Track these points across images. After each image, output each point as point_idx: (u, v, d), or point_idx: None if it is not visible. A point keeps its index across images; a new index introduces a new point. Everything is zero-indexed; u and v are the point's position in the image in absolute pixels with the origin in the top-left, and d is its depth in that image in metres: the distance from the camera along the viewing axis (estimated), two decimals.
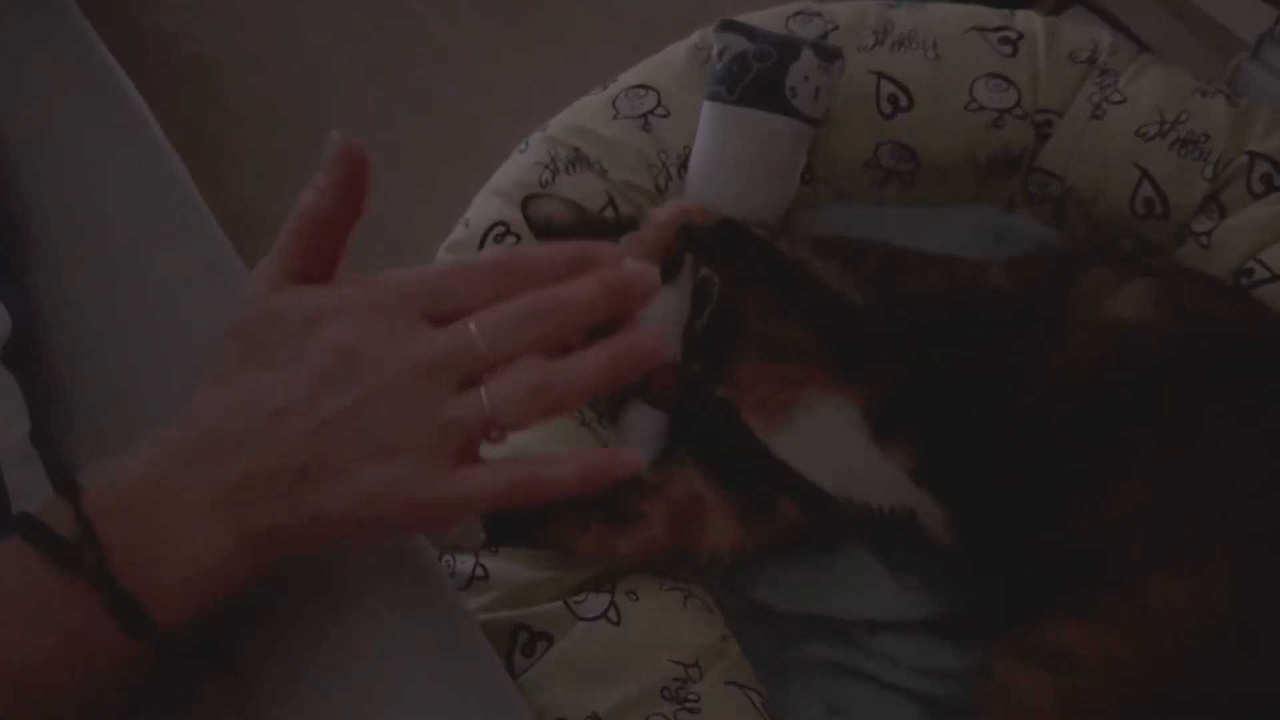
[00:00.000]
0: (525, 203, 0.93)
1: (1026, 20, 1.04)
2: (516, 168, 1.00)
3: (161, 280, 0.64)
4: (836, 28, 1.03)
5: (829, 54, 0.97)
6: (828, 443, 0.79)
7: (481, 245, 0.95)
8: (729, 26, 0.99)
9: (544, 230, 0.93)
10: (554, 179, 0.98)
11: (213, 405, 0.45)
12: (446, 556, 0.78)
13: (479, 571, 0.77)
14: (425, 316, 0.46)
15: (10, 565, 0.41)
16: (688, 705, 0.72)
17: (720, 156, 0.97)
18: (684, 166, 0.99)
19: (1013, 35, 1.02)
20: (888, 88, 1.00)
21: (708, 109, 0.98)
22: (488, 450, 0.47)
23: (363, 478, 0.43)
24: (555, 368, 0.47)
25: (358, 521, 0.44)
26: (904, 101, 1.00)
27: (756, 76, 0.96)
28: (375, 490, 0.43)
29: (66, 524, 0.41)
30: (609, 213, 0.97)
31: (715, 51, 0.99)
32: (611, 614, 0.76)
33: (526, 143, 1.02)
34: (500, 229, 0.96)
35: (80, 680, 0.41)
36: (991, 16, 1.04)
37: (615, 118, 1.02)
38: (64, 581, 0.40)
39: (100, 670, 0.42)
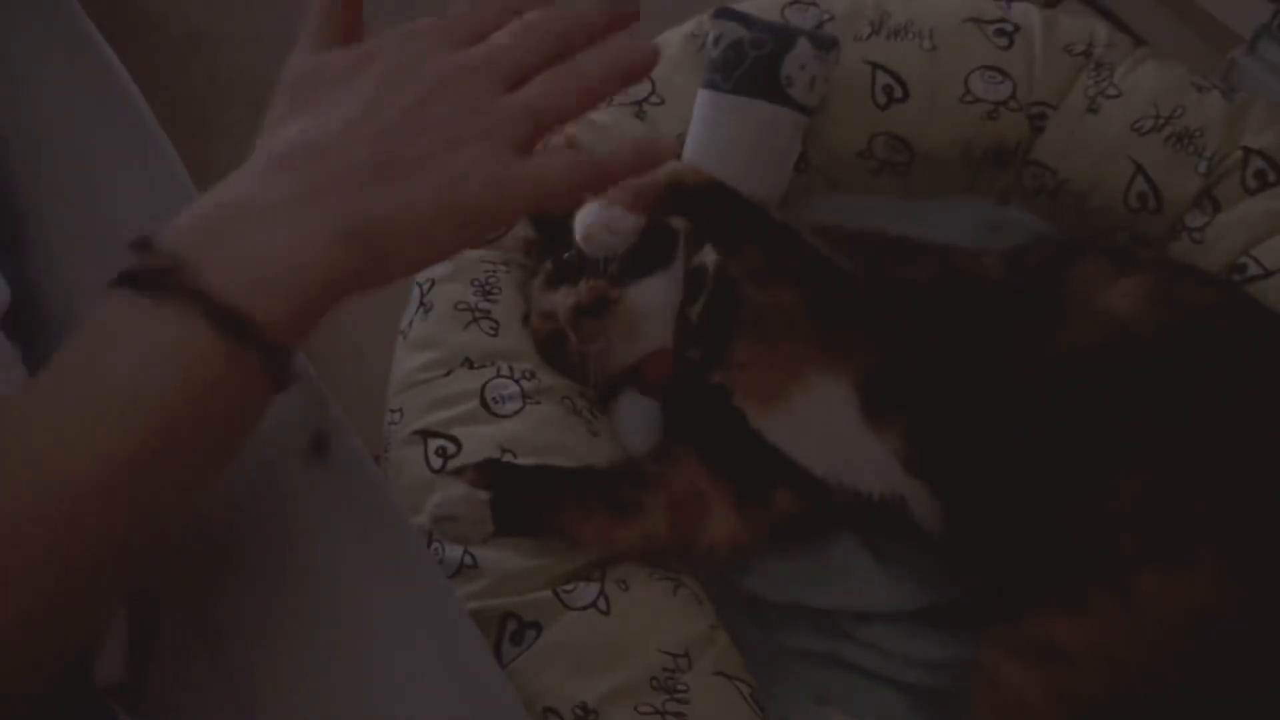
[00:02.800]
0: None
1: (1023, 12, 1.03)
2: None
3: None
4: (833, 17, 1.03)
5: (825, 43, 0.97)
6: (819, 425, 0.79)
7: None
8: (725, 14, 0.99)
9: (539, 217, 0.93)
10: None
11: (278, 140, 0.46)
12: (435, 544, 0.78)
13: (468, 559, 0.77)
14: (458, 44, 0.49)
15: (116, 313, 0.42)
16: (677, 695, 0.72)
17: (715, 144, 0.97)
18: (678, 154, 0.99)
19: (1009, 27, 1.01)
20: (883, 78, 1.00)
21: (703, 97, 0.98)
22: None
23: (435, 167, 0.45)
24: (576, 63, 0.50)
25: (447, 207, 0.45)
26: (899, 92, 1.00)
27: (752, 65, 0.95)
28: (454, 172, 0.45)
29: (156, 260, 0.42)
30: None
31: (711, 39, 0.99)
32: (601, 603, 0.75)
33: None
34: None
35: (207, 406, 0.42)
36: (988, 8, 1.03)
37: (609, 104, 1.01)
38: (162, 307, 0.41)
39: (223, 390, 0.42)
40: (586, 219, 0.75)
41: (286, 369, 0.44)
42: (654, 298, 0.84)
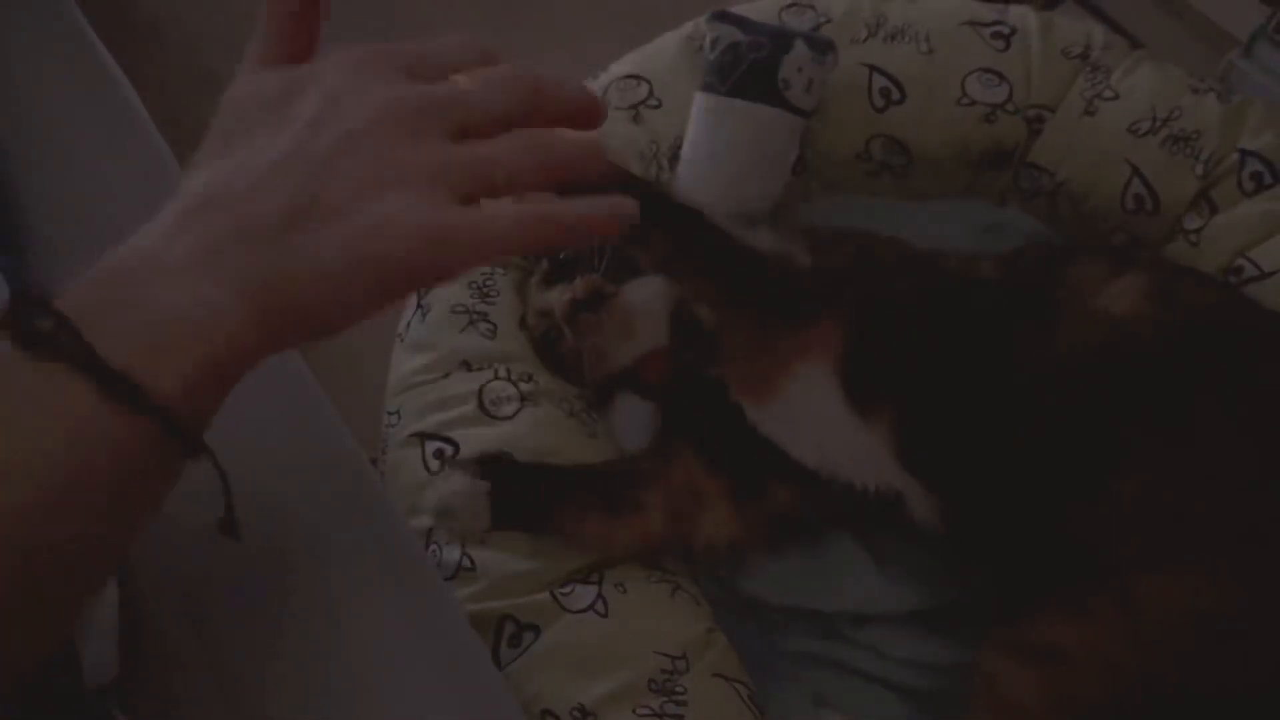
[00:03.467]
0: None
1: (1020, 15, 1.04)
2: None
3: None
4: (829, 20, 1.03)
5: (822, 46, 0.97)
6: (808, 413, 0.79)
7: None
8: (721, 17, 0.99)
9: None
10: None
11: (198, 179, 0.43)
12: (433, 546, 0.78)
13: (466, 562, 0.77)
14: (408, 76, 0.45)
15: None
16: (675, 697, 0.72)
17: (712, 147, 0.97)
18: (675, 157, 0.99)
19: (1006, 30, 1.02)
20: (880, 81, 1.00)
21: (700, 100, 0.98)
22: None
23: (363, 211, 0.41)
24: (549, 132, 0.45)
25: (363, 262, 0.41)
26: (896, 95, 1.00)
27: (749, 68, 0.95)
28: (378, 221, 0.41)
29: (43, 317, 0.38)
30: None
31: (707, 42, 0.99)
32: (599, 605, 0.75)
33: None
34: None
35: (99, 479, 0.38)
36: (985, 11, 1.04)
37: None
38: (49, 372, 0.37)
39: (121, 464, 0.39)
40: None
41: (193, 437, 0.40)
42: (649, 297, 0.84)
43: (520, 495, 0.77)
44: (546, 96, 0.45)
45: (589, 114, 0.47)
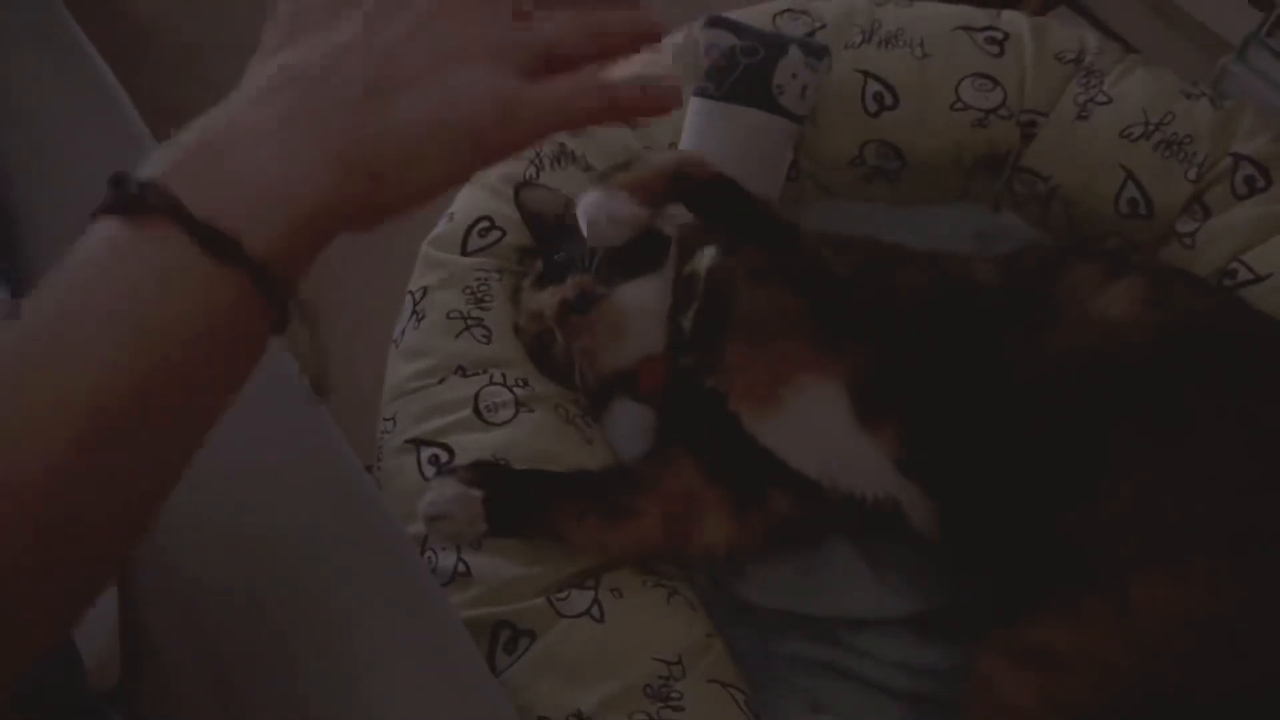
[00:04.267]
0: (517, 190, 0.93)
1: (1013, 20, 1.04)
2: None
3: None
4: (824, 25, 1.03)
5: (816, 51, 0.97)
6: (813, 425, 0.79)
7: (465, 239, 0.95)
8: (717, 23, 0.99)
9: (535, 217, 0.93)
10: (539, 174, 0.97)
11: (271, 64, 0.44)
12: (429, 552, 0.77)
13: (461, 567, 0.76)
14: None
15: (92, 239, 0.39)
16: (671, 703, 0.72)
17: (706, 152, 0.97)
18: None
19: (999, 35, 1.02)
20: (874, 86, 1.00)
21: (694, 104, 0.98)
22: None
23: (435, 83, 0.43)
24: (595, 11, 0.47)
25: (444, 126, 0.43)
26: (890, 100, 1.00)
27: (744, 73, 0.96)
28: (450, 91, 0.43)
29: (131, 186, 0.39)
30: None
31: (702, 47, 0.99)
32: (595, 611, 0.75)
33: None
34: (485, 223, 0.95)
35: (199, 329, 0.39)
36: (978, 16, 1.04)
37: None
38: (141, 228, 0.39)
39: (215, 311, 0.39)
40: (590, 208, 0.75)
41: (283, 298, 0.41)
42: (642, 300, 0.84)
43: (516, 502, 0.77)
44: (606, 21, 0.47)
45: (648, 33, 0.49)
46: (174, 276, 0.38)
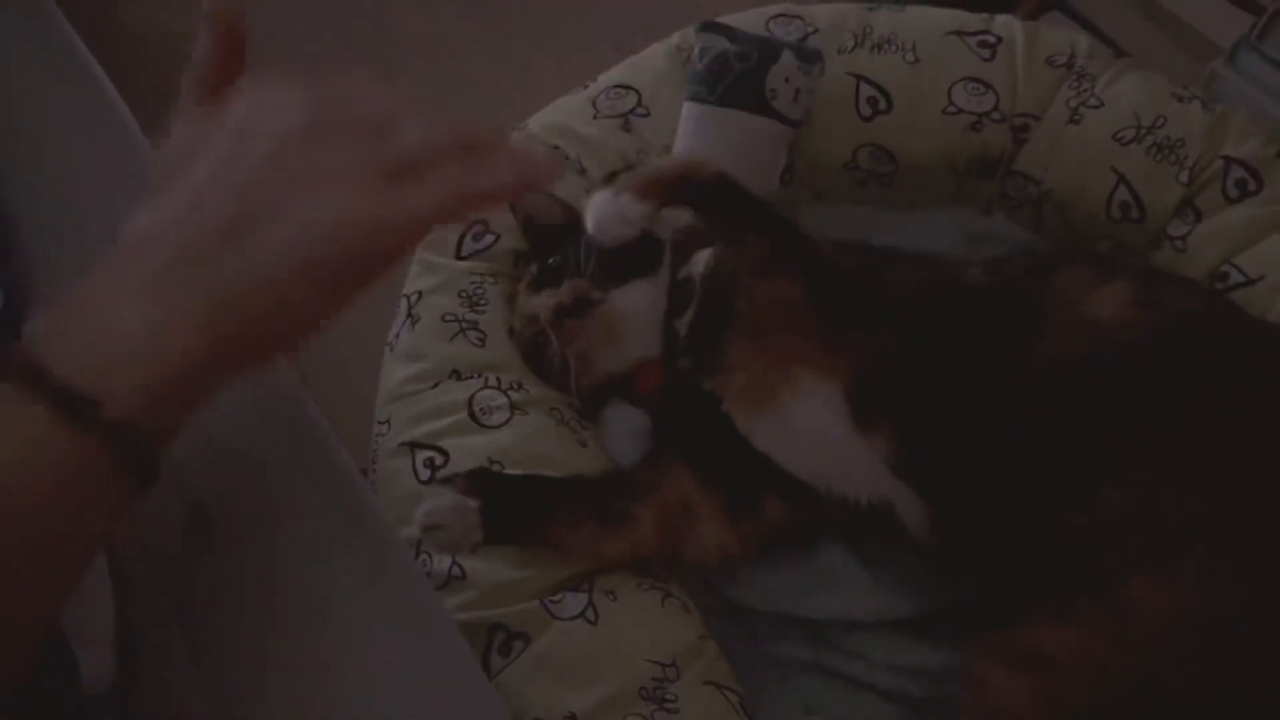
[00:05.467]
0: None
1: (1005, 24, 1.04)
2: None
3: None
4: (817, 30, 1.03)
5: (809, 56, 0.97)
6: (808, 429, 0.79)
7: (460, 243, 0.95)
8: (710, 27, 0.99)
9: (529, 222, 0.94)
10: None
11: (138, 220, 0.43)
12: (423, 556, 0.77)
13: (456, 571, 0.77)
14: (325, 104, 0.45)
15: None
16: (665, 705, 0.72)
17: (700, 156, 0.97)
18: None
19: (991, 39, 1.02)
20: (867, 90, 1.01)
21: (688, 109, 0.98)
22: None
23: (293, 215, 0.41)
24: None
25: (305, 263, 0.41)
26: (883, 104, 1.00)
27: (737, 77, 0.96)
28: (309, 220, 0.41)
29: (2, 359, 0.39)
30: None
31: (696, 52, 0.99)
32: (589, 613, 0.75)
33: None
34: (479, 227, 0.96)
35: (56, 493, 0.39)
36: (971, 20, 1.04)
37: (596, 117, 1.02)
38: (8, 390, 0.38)
39: (69, 481, 0.39)
40: (597, 209, 0.76)
41: (145, 458, 0.40)
42: (636, 304, 0.84)
43: (512, 509, 0.77)
44: (479, 141, 0.45)
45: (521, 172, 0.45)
46: (33, 442, 0.38)
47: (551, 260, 0.88)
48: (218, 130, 0.44)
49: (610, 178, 0.95)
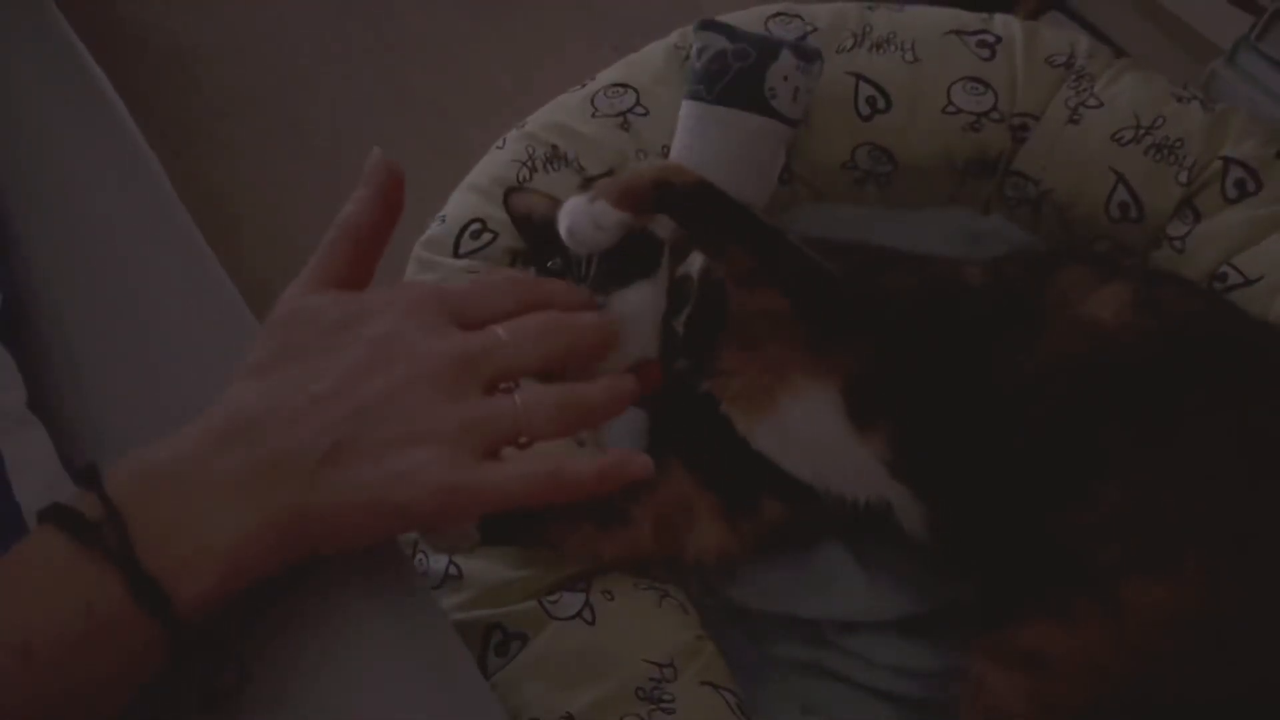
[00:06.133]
0: (507, 195, 0.93)
1: (1005, 24, 1.04)
2: (494, 164, 1.00)
3: (133, 262, 0.67)
4: (816, 29, 1.03)
5: (808, 55, 0.97)
6: (805, 430, 0.79)
7: (458, 242, 0.95)
8: (708, 26, 0.99)
9: (525, 223, 0.93)
10: (531, 176, 0.98)
11: (246, 395, 0.45)
12: (419, 555, 0.77)
13: (452, 570, 0.77)
14: (454, 321, 0.48)
15: (37, 546, 0.41)
16: (663, 705, 0.72)
17: (699, 155, 0.97)
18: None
19: (991, 39, 1.02)
20: (866, 89, 1.00)
21: (687, 108, 0.98)
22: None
23: (391, 460, 0.44)
24: (582, 385, 0.50)
25: (384, 505, 0.44)
26: (882, 103, 1.00)
27: (736, 76, 0.96)
28: (403, 472, 0.44)
29: (91, 506, 0.41)
30: None
31: (694, 50, 0.99)
32: (586, 613, 0.75)
33: (504, 139, 1.02)
34: (477, 225, 0.95)
35: (93, 660, 0.41)
36: (970, 20, 1.04)
37: (594, 115, 1.01)
38: (85, 559, 0.40)
39: (116, 651, 0.41)
40: (570, 216, 0.75)
41: (187, 642, 0.43)
42: (637, 306, 0.84)
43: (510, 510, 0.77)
44: (578, 347, 0.51)
45: (604, 347, 0.55)
46: (98, 624, 0.40)
47: (551, 264, 0.87)
48: (356, 332, 0.47)
49: (586, 184, 0.95)
